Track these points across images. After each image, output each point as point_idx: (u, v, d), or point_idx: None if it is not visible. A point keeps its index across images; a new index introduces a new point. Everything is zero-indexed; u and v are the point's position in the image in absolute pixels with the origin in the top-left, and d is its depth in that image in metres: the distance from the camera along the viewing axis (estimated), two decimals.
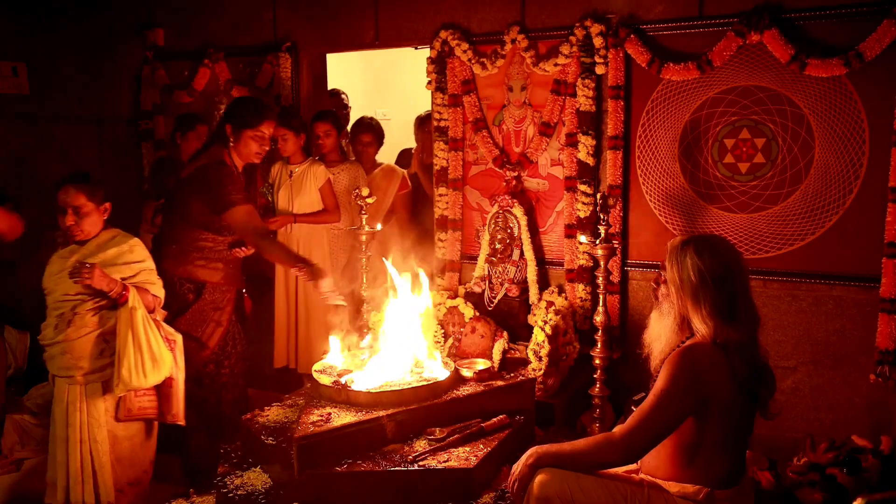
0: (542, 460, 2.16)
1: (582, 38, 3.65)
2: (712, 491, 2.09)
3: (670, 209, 3.64)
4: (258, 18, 4.58)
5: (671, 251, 2.18)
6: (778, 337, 3.44)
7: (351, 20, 4.32)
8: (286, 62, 4.47)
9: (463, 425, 2.91)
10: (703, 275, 2.08)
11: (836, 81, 3.24)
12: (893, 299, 3.17)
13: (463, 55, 3.96)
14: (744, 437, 2.17)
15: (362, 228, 3.72)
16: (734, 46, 3.35)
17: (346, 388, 2.94)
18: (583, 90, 3.67)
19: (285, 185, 4.20)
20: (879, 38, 3.09)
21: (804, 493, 2.85)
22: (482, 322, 3.69)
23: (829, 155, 3.30)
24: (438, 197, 4.16)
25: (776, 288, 3.45)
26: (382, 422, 2.79)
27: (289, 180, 4.19)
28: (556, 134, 3.84)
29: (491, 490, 2.69)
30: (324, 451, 2.65)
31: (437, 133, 4.13)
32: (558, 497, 2.10)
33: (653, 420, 2.06)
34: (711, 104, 3.49)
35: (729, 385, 2.06)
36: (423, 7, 4.09)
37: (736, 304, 2.08)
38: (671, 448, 2.13)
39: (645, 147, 3.66)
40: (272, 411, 3.11)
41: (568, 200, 3.81)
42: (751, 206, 3.47)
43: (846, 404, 3.38)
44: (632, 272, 3.77)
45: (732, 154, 3.48)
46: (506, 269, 3.93)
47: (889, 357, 3.20)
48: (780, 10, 3.28)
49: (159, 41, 4.87)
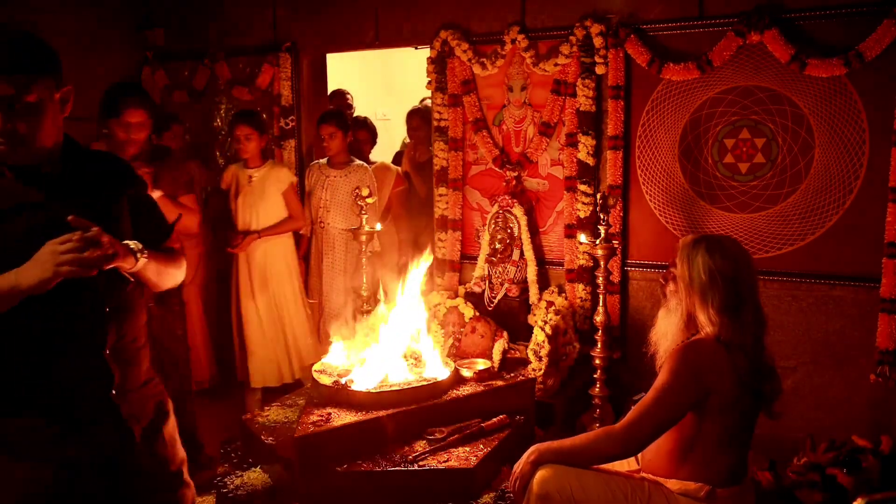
0: (544, 457, 2.17)
1: (582, 38, 3.65)
2: (714, 489, 2.09)
3: (670, 209, 3.64)
4: (258, 18, 4.58)
5: (682, 248, 2.19)
6: (778, 337, 3.44)
7: (351, 20, 4.32)
8: (286, 62, 4.47)
9: (463, 425, 2.91)
10: (713, 273, 2.09)
11: (836, 81, 3.24)
12: (893, 299, 3.16)
13: (463, 55, 3.96)
14: (746, 435, 2.17)
15: (362, 228, 3.73)
16: (734, 46, 3.35)
17: (346, 388, 2.94)
18: (583, 90, 3.67)
19: (244, 192, 4.04)
20: (879, 38, 3.09)
21: (804, 493, 2.84)
22: (482, 322, 3.69)
23: (829, 155, 3.30)
24: (438, 197, 4.16)
25: (776, 288, 3.45)
26: (382, 422, 2.79)
27: (248, 186, 4.04)
28: (556, 134, 3.84)
29: (491, 490, 2.69)
30: (324, 451, 2.65)
31: (437, 133, 4.13)
32: (559, 494, 2.10)
33: (654, 413, 2.07)
34: (711, 104, 3.49)
35: (731, 382, 2.06)
36: (423, 7, 4.09)
37: (743, 304, 2.09)
38: (672, 444, 2.13)
39: (645, 147, 3.66)
40: (272, 411, 3.11)
41: (568, 200, 3.81)
42: (751, 206, 3.47)
43: (846, 404, 3.38)
44: (632, 272, 3.77)
45: (732, 154, 3.48)
46: (506, 269, 3.93)
47: (889, 357, 3.20)
48: (780, 10, 3.28)
49: (159, 41, 4.87)
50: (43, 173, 1.61)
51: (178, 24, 4.84)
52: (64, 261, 1.46)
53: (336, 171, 4.21)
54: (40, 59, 1.60)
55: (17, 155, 1.57)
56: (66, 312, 1.59)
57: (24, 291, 1.49)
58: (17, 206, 1.55)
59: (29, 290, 1.49)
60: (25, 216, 1.54)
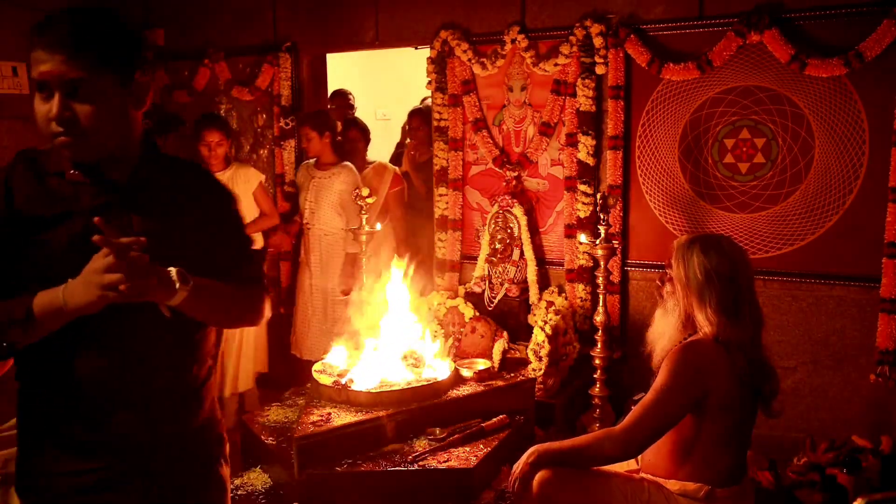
0: (543, 458, 2.16)
1: (582, 38, 3.65)
2: (713, 489, 2.09)
3: (670, 209, 3.64)
4: (258, 18, 4.58)
5: (677, 249, 2.18)
6: (778, 337, 3.44)
7: (351, 20, 4.31)
8: (286, 62, 4.47)
9: (463, 425, 2.91)
10: (709, 273, 2.09)
11: (836, 81, 3.24)
12: (893, 299, 3.16)
13: (463, 55, 3.96)
14: (745, 435, 2.17)
15: (362, 228, 3.72)
16: (734, 46, 3.35)
17: (346, 388, 2.94)
18: (583, 90, 3.67)
19: None
20: (879, 38, 3.09)
21: (804, 493, 2.85)
22: (482, 322, 3.69)
23: (829, 155, 3.30)
24: (438, 197, 4.16)
25: (776, 288, 3.45)
26: (382, 422, 2.79)
27: None
28: (556, 134, 3.84)
29: (491, 490, 2.69)
30: (324, 451, 2.65)
31: (437, 133, 4.13)
32: (559, 495, 2.10)
33: (653, 414, 2.06)
34: (711, 104, 3.49)
35: (730, 382, 2.06)
36: (423, 7, 4.09)
37: (741, 303, 2.09)
38: (671, 445, 2.13)
39: (645, 147, 3.66)
40: (272, 411, 3.11)
41: (568, 200, 3.81)
42: (751, 206, 3.47)
43: (846, 404, 3.37)
44: (632, 272, 3.77)
45: (732, 154, 3.48)
46: (506, 269, 3.93)
47: (889, 357, 3.20)
48: (780, 10, 3.28)
49: (159, 41, 4.87)
50: (105, 178, 1.39)
51: (178, 24, 4.84)
52: (109, 282, 1.23)
53: (321, 171, 4.17)
54: (114, 41, 1.36)
55: (79, 149, 1.34)
56: (124, 340, 1.39)
57: (73, 312, 1.28)
58: (63, 214, 1.36)
59: (77, 311, 1.28)
60: (67, 225, 1.35)
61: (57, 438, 1.41)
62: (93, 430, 1.40)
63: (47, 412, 1.41)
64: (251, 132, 4.68)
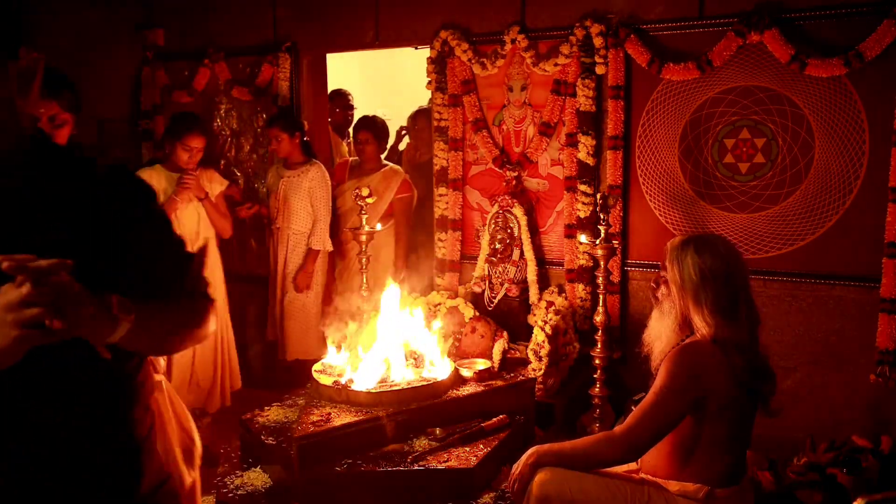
0: (543, 459, 2.17)
1: (582, 38, 3.65)
2: (712, 489, 2.09)
3: (670, 209, 3.64)
4: (258, 18, 4.58)
5: (671, 251, 2.18)
6: (778, 337, 3.44)
7: (351, 20, 4.31)
8: (286, 62, 4.47)
9: (463, 425, 2.91)
10: (704, 273, 2.08)
11: (836, 81, 3.24)
12: (893, 299, 3.16)
13: (463, 55, 3.96)
14: (744, 435, 2.17)
15: (362, 228, 3.72)
16: (734, 46, 3.35)
17: (346, 388, 2.94)
18: (583, 90, 3.67)
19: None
20: (879, 38, 3.09)
21: (804, 494, 2.84)
22: (482, 322, 3.69)
23: (829, 155, 3.30)
24: (438, 197, 4.16)
25: (776, 288, 3.45)
26: (382, 422, 2.79)
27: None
28: (556, 134, 3.84)
29: (491, 490, 2.69)
30: (324, 451, 2.65)
31: (437, 133, 4.13)
32: (558, 496, 2.10)
33: (653, 417, 2.06)
34: (711, 104, 3.49)
35: (728, 383, 2.06)
36: (423, 7, 4.09)
37: (737, 303, 2.09)
38: (671, 446, 2.13)
39: (645, 147, 3.66)
40: (272, 411, 3.11)
41: (568, 200, 3.81)
42: (751, 206, 3.47)
43: (846, 404, 3.37)
44: (632, 272, 3.77)
45: (732, 154, 3.48)
46: (506, 269, 3.93)
47: (889, 357, 3.20)
48: (780, 10, 3.28)
49: (159, 41, 4.87)
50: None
51: (178, 24, 4.84)
52: (30, 317, 0.92)
53: (290, 171, 4.15)
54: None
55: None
56: (53, 386, 1.10)
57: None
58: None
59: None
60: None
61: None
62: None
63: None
64: (251, 132, 4.68)
